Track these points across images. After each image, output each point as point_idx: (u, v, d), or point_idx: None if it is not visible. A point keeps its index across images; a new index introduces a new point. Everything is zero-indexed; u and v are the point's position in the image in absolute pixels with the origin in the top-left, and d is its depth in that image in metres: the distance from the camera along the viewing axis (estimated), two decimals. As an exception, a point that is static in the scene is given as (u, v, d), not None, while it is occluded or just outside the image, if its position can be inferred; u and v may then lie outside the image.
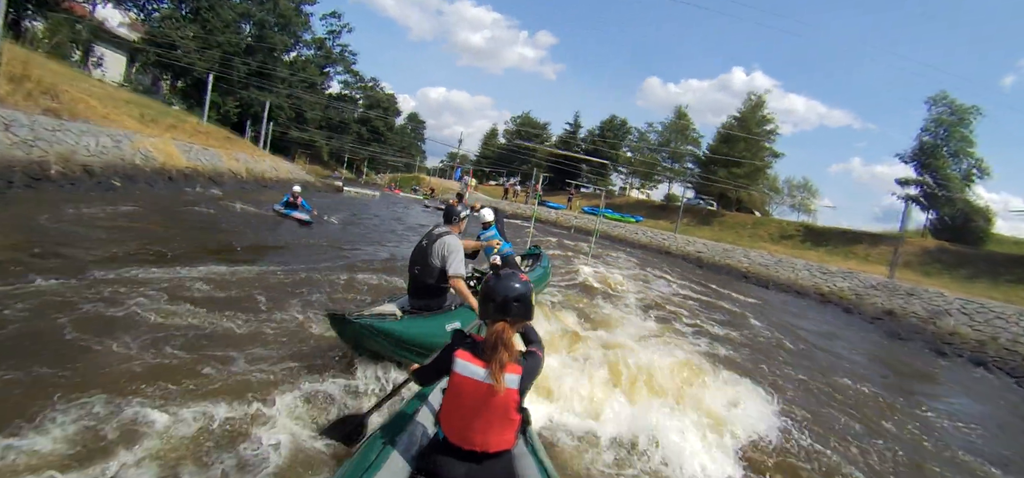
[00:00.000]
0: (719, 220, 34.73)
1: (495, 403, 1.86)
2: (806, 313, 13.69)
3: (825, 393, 5.76)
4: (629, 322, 7.29)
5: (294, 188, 13.10)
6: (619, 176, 51.06)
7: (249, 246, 8.69)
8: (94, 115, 15.84)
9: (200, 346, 3.77)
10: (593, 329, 6.28)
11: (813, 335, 10.17)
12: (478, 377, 1.86)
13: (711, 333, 7.93)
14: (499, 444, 1.93)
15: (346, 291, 6.56)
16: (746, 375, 5.25)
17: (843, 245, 30.05)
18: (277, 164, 24.41)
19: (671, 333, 7.11)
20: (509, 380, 1.86)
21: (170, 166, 16.30)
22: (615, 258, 17.80)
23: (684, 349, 6.00)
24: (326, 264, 8.02)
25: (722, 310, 10.72)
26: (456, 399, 1.91)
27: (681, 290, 12.58)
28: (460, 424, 1.91)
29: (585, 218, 31.96)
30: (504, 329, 1.91)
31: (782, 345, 8.41)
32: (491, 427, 1.89)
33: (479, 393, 1.85)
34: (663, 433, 3.37)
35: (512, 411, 1.91)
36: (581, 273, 11.04)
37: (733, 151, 36.02)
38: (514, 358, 1.89)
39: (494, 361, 1.84)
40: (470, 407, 1.88)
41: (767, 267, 19.86)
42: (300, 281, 6.48)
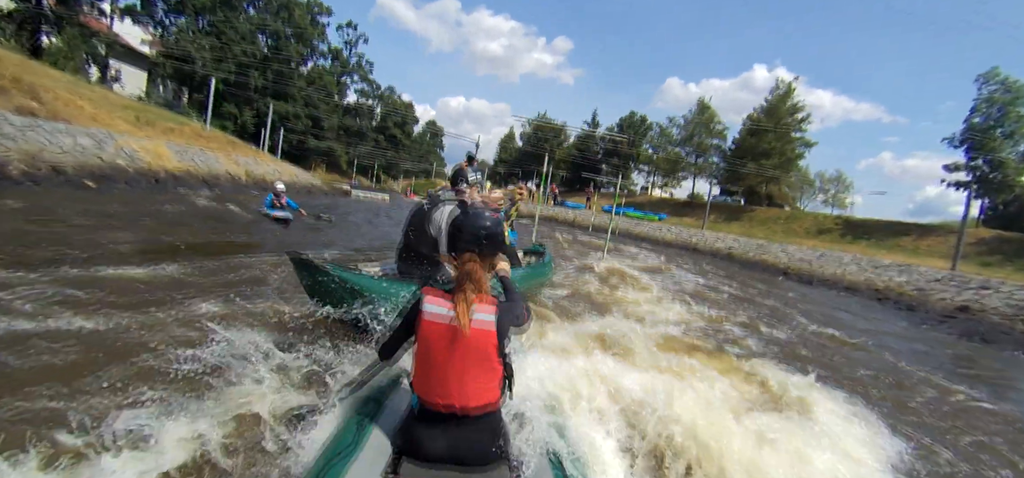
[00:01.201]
0: (749, 215, 32.26)
1: (471, 347, 1.65)
2: (864, 313, 11.53)
3: (938, 413, 3.90)
4: (658, 329, 5.51)
5: (277, 186, 11.69)
6: (641, 174, 48.83)
7: (197, 243, 7.24)
8: (80, 116, 14.88)
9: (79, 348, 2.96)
10: (602, 347, 4.49)
11: (883, 337, 8.15)
12: (446, 317, 1.66)
13: (767, 340, 6.07)
14: (481, 398, 1.69)
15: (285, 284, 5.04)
16: (843, 401, 3.49)
17: (888, 238, 27.34)
18: (281, 168, 23.31)
19: (713, 339, 5.29)
20: (483, 318, 1.67)
21: (159, 167, 15.20)
22: (635, 255, 15.91)
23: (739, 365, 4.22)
24: (271, 257, 6.50)
25: (767, 310, 8.79)
26: (427, 350, 1.69)
27: (716, 287, 10.67)
28: (435, 380, 1.68)
29: (605, 217, 30.03)
30: (471, 262, 1.75)
31: (851, 349, 6.48)
32: (469, 377, 1.67)
33: (450, 335, 1.65)
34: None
35: (492, 357, 1.69)
36: (594, 270, 9.27)
37: (761, 143, 33.54)
38: (485, 293, 1.72)
39: (460, 299, 1.66)
40: (443, 355, 1.66)
41: (808, 262, 17.61)
42: (228, 276, 5.13)
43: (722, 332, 6.26)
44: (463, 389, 1.67)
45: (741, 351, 5.35)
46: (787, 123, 33.72)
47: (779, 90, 34.06)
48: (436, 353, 1.68)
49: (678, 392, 3.11)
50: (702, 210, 31.42)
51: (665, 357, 4.09)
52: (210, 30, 38.99)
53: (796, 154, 34.51)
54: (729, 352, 5.15)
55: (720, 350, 5.20)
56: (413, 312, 1.74)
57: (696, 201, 38.91)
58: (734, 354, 5.08)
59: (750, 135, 35.06)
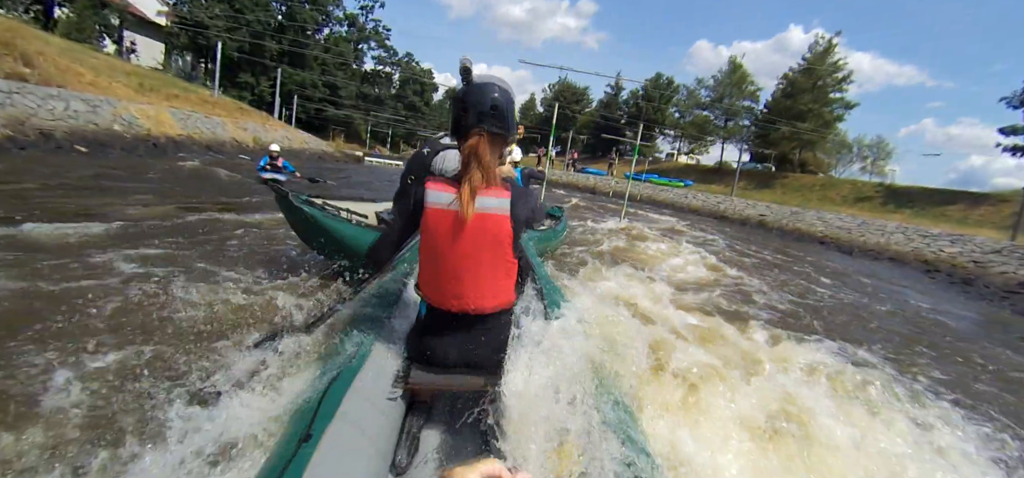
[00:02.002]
0: (781, 182, 30.27)
1: (483, 239, 1.47)
2: (915, 286, 10.21)
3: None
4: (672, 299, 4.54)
5: (272, 148, 11.02)
6: (666, 140, 46.66)
7: (167, 205, 6.51)
8: (78, 82, 14.36)
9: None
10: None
11: (943, 315, 6.95)
12: (450, 204, 1.45)
13: (810, 315, 5.02)
14: (496, 298, 1.54)
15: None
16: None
17: (933, 206, 25.21)
18: (292, 134, 22.69)
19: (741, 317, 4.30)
20: (495, 204, 1.47)
21: (159, 133, 14.66)
22: (657, 221, 14.73)
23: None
24: (241, 216, 5.72)
25: (805, 280, 7.65)
26: (434, 246, 1.50)
27: (746, 255, 9.51)
28: (444, 279, 1.52)
29: (627, 183, 28.66)
30: (478, 141, 1.47)
31: (912, 328, 5.36)
32: (481, 272, 1.50)
33: (457, 226, 1.45)
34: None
35: (507, 251, 1.52)
36: (606, 239, 8.24)
37: (797, 105, 31.19)
38: (495, 180, 1.50)
39: (465, 181, 1.44)
40: (452, 251, 1.47)
41: (848, 231, 16.08)
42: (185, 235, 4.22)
43: (758, 305, 5.22)
44: (478, 289, 1.53)
45: (784, 328, 4.33)
46: (826, 83, 31.19)
47: (819, 45, 31.43)
48: (443, 248, 1.51)
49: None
50: (731, 177, 29.65)
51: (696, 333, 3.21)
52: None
53: (834, 116, 32.02)
54: (772, 329, 4.15)
55: (762, 325, 4.19)
56: (416, 205, 1.54)
57: (724, 168, 36.88)
58: (777, 330, 4.08)
59: (785, 96, 32.64)
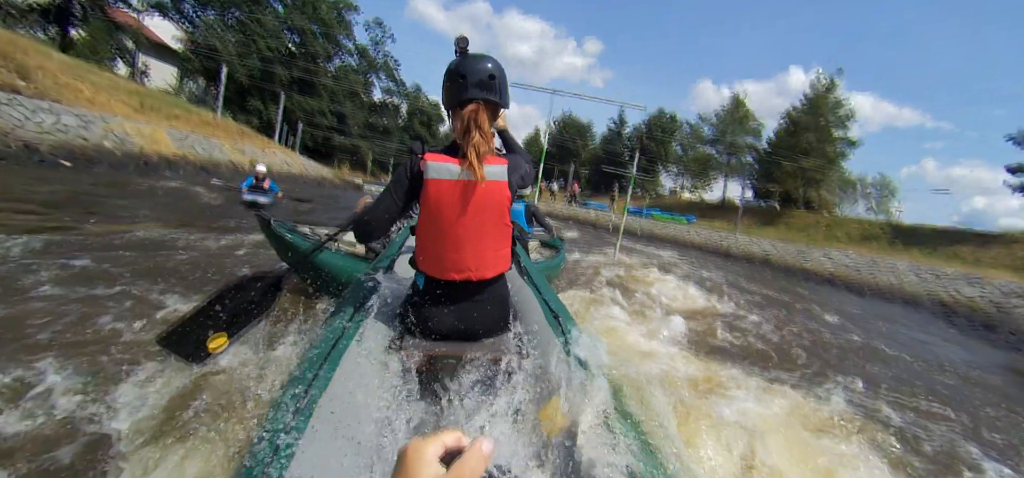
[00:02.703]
0: (785, 219, 29.64)
1: (482, 205, 1.51)
2: (930, 330, 9.44)
3: None
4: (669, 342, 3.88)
5: (258, 168, 10.49)
6: (669, 176, 46.29)
7: (119, 224, 5.96)
8: (75, 98, 14.14)
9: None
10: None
11: (972, 367, 6.21)
12: (455, 175, 1.48)
13: (820, 361, 4.33)
14: (495, 263, 1.59)
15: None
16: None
17: (943, 246, 24.40)
18: (292, 159, 22.40)
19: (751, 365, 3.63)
20: (496, 171, 1.53)
21: (152, 152, 14.32)
22: (654, 256, 14.09)
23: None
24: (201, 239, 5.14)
25: (812, 320, 6.94)
26: (435, 218, 1.52)
27: (746, 292, 8.82)
28: (447, 249, 1.54)
29: (628, 218, 28.09)
30: (477, 109, 1.52)
31: (941, 380, 4.64)
32: (483, 240, 1.55)
33: (462, 196, 1.49)
34: None
35: (505, 215, 1.60)
36: (594, 276, 7.61)
37: (800, 142, 30.80)
38: (493, 148, 1.55)
39: (469, 147, 1.47)
40: (454, 221, 1.51)
41: (858, 270, 15.33)
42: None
43: (764, 348, 4.54)
44: (479, 257, 1.56)
45: (794, 373, 3.65)
46: (828, 121, 30.85)
47: (820, 82, 31.23)
48: (446, 218, 1.52)
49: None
50: (734, 213, 29.04)
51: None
52: (237, 25, 38.89)
53: (837, 153, 31.56)
54: (783, 375, 3.47)
55: (770, 372, 3.51)
56: (414, 180, 1.52)
57: (727, 204, 36.33)
58: (787, 376, 3.40)
59: (787, 134, 32.29)
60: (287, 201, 10.88)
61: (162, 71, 35.84)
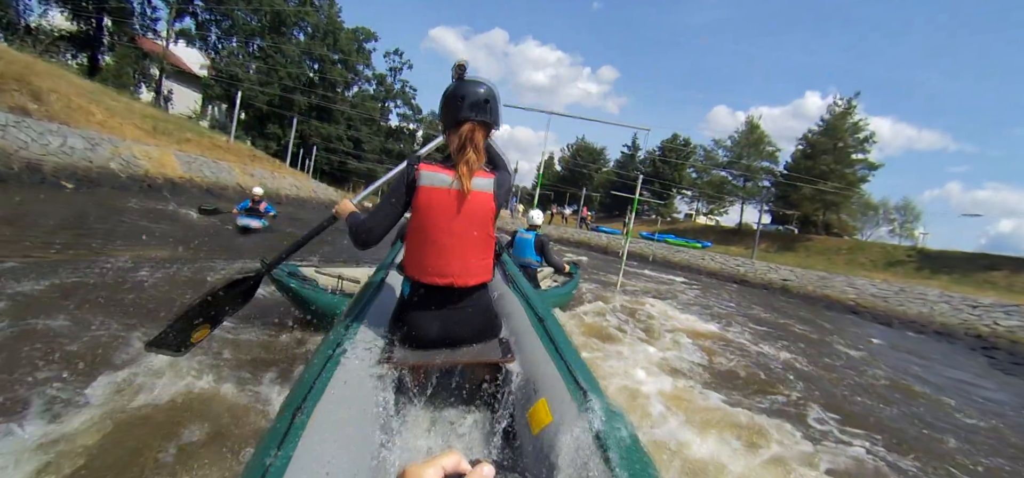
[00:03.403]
0: (804, 245, 28.47)
1: (470, 214, 1.60)
2: (970, 367, 8.50)
3: None
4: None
5: (255, 191, 10.11)
6: (684, 200, 45.39)
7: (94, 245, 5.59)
8: (87, 121, 14.23)
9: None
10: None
11: (1019, 414, 5.37)
12: (446, 184, 1.58)
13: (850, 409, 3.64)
14: (479, 271, 1.67)
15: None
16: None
17: (974, 272, 23.05)
18: (301, 182, 22.34)
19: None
20: (484, 184, 1.63)
21: (157, 174, 14.27)
22: (666, 284, 13.36)
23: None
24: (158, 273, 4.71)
25: (836, 358, 6.17)
26: (425, 224, 1.60)
27: (762, 324, 8.06)
28: (433, 256, 1.61)
29: (640, 243, 27.32)
30: (472, 129, 1.63)
31: (993, 431, 3.88)
32: (468, 248, 1.63)
33: (450, 204, 1.58)
34: None
35: (490, 227, 1.68)
36: (597, 305, 6.98)
37: (818, 166, 29.82)
38: (483, 163, 1.66)
39: (462, 162, 1.58)
40: (441, 227, 1.59)
41: (884, 299, 14.32)
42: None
43: (787, 398, 3.86)
44: (464, 263, 1.63)
45: (822, 424, 2.98)
46: (847, 144, 29.87)
47: (837, 107, 30.34)
48: (435, 225, 1.60)
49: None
50: (751, 239, 28.04)
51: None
52: (259, 54, 39.87)
53: (857, 177, 30.44)
54: (808, 427, 2.82)
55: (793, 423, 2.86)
56: (409, 186, 1.61)
57: (744, 229, 35.25)
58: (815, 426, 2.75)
59: (805, 157, 31.35)
60: (281, 223, 10.52)
61: (186, 96, 36.77)
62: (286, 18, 39.62)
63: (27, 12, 25.47)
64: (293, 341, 3.35)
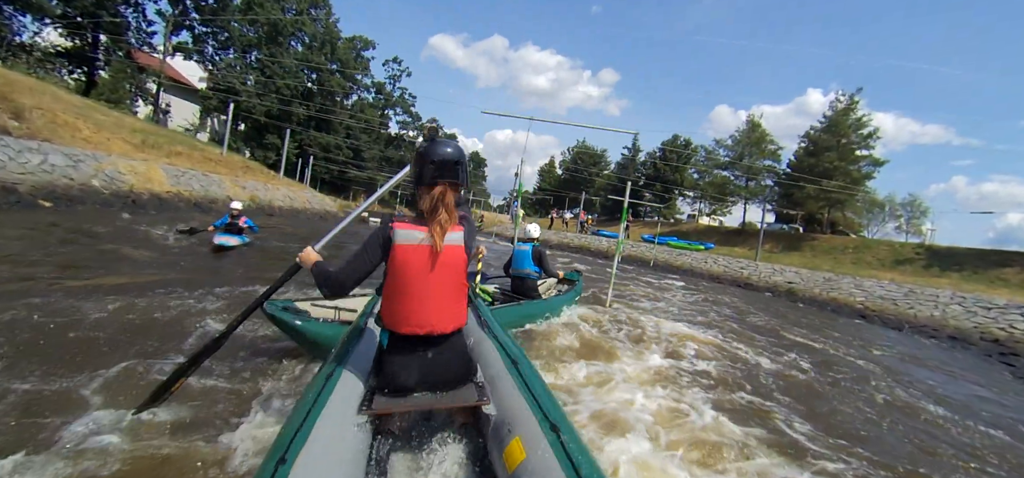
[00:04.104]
0: (810, 244, 27.81)
1: (444, 268, 1.70)
2: (989, 378, 7.94)
3: None
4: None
5: (233, 205, 9.65)
6: (686, 201, 44.74)
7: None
8: (72, 137, 13.91)
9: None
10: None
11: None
12: (419, 241, 1.69)
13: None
14: (453, 318, 1.75)
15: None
16: None
17: (985, 269, 22.30)
18: (295, 193, 21.96)
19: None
20: (454, 237, 1.74)
21: (143, 189, 13.92)
22: (665, 290, 12.84)
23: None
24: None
25: (844, 372, 5.64)
26: (401, 278, 1.69)
27: (766, 336, 7.54)
28: (410, 307, 1.69)
29: (642, 247, 26.78)
30: (444, 190, 1.75)
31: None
32: (443, 297, 1.72)
33: (424, 260, 1.68)
34: None
35: (462, 273, 1.77)
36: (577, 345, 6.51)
37: (821, 163, 29.17)
38: (454, 219, 1.77)
39: (435, 223, 1.70)
40: (417, 280, 1.68)
41: (893, 302, 13.73)
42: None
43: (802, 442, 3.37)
44: (440, 312, 1.70)
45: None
46: (851, 140, 29.21)
47: (839, 103, 29.70)
48: (411, 279, 1.67)
49: None
50: (755, 239, 27.43)
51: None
52: (257, 65, 39.69)
53: (862, 174, 29.75)
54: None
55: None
56: (384, 243, 1.71)
57: (748, 229, 34.60)
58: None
59: (808, 155, 30.70)
60: (268, 236, 10.10)
61: (185, 109, 36.62)
62: (283, 28, 39.45)
63: (21, 30, 25.31)
64: (286, 378, 3.21)
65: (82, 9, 26.23)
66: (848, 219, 36.18)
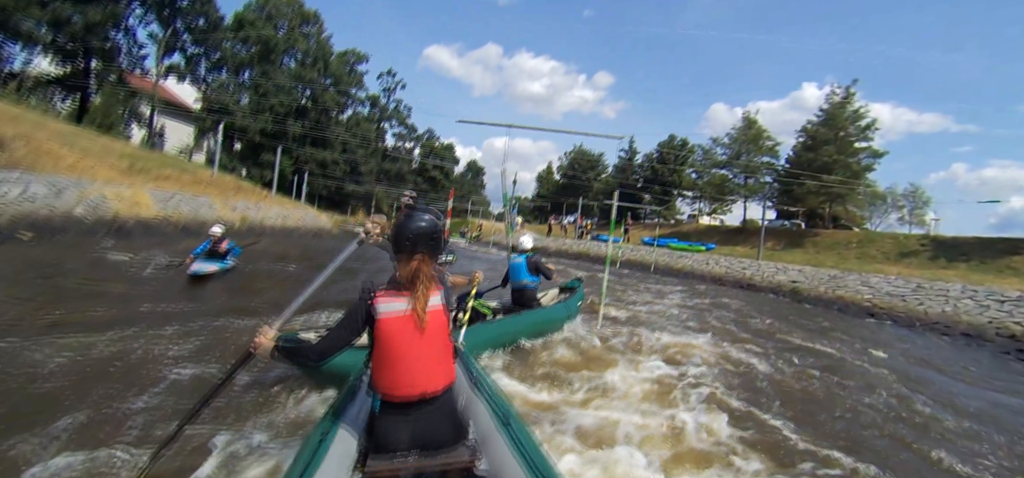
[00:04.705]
0: (812, 240, 27.39)
1: (429, 332, 1.76)
2: (1014, 378, 7.51)
3: None
4: None
5: (213, 230, 9.08)
6: (685, 202, 44.35)
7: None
8: (56, 165, 13.58)
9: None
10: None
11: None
12: (402, 309, 1.74)
13: None
14: (443, 376, 1.80)
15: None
16: None
17: (992, 258, 21.87)
18: (289, 210, 21.62)
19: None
20: (435, 302, 1.80)
21: (129, 215, 13.60)
22: (663, 300, 12.45)
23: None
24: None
25: (855, 381, 5.23)
26: (389, 347, 1.74)
27: (772, 341, 7.13)
28: (400, 372, 1.74)
29: (642, 250, 26.39)
30: (420, 262, 1.81)
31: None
32: (431, 359, 1.77)
33: (410, 328, 1.74)
34: None
35: (446, 333, 1.83)
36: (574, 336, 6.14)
37: (820, 157, 28.79)
38: (434, 285, 1.83)
39: (416, 294, 1.75)
40: (405, 348, 1.74)
41: (902, 298, 13.29)
42: None
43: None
44: (429, 373, 1.75)
45: None
46: (849, 133, 28.83)
47: (835, 96, 29.34)
48: (399, 346, 1.72)
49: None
50: (756, 236, 27.01)
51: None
52: (250, 84, 39.57)
53: (862, 166, 29.34)
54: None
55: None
56: (364, 311, 1.75)
57: (749, 227, 34.19)
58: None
59: (806, 149, 30.32)
60: (256, 260, 9.72)
61: (180, 132, 36.43)
62: (275, 46, 39.34)
63: (12, 59, 25.17)
64: (283, 422, 3.14)
65: (71, 35, 26.09)
66: (850, 213, 35.72)
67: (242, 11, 39.59)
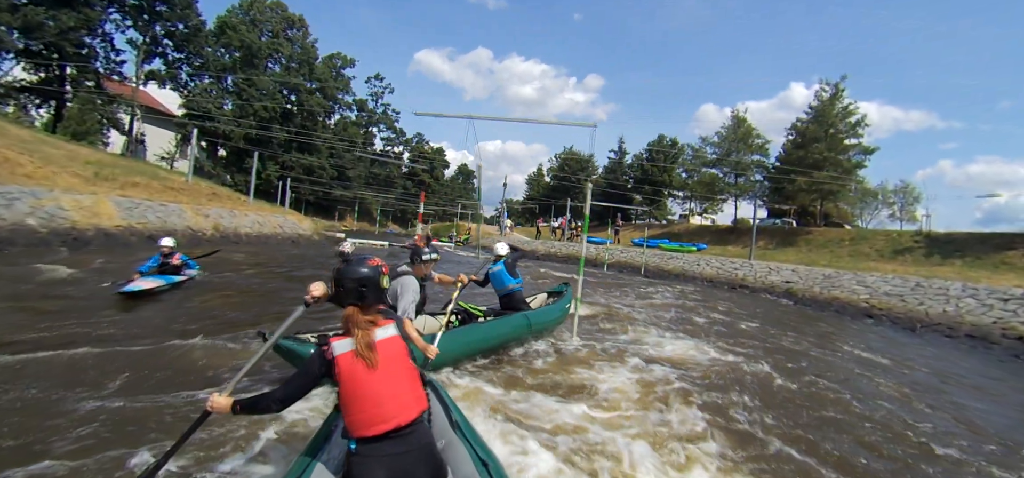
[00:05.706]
0: (805, 238, 26.87)
1: (388, 361, 1.77)
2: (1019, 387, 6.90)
3: None
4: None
5: (163, 242, 7.89)
6: (676, 202, 43.82)
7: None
8: (12, 175, 12.72)
9: None
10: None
11: None
12: (356, 345, 1.77)
13: None
14: (414, 405, 1.78)
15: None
16: None
17: (987, 253, 21.37)
18: (264, 217, 20.70)
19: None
20: (386, 333, 1.82)
21: (88, 225, 12.75)
22: (649, 305, 11.79)
23: None
24: None
25: (861, 398, 4.58)
26: (350, 384, 1.73)
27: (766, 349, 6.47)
28: (371, 408, 1.71)
29: (632, 252, 25.76)
30: (354, 312, 1.83)
31: None
32: (398, 387, 1.76)
33: (366, 361, 1.74)
34: None
35: (407, 358, 1.84)
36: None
37: (810, 155, 28.34)
38: (376, 322, 1.84)
39: (358, 342, 1.76)
40: (367, 383, 1.72)
41: (901, 297, 12.71)
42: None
43: None
44: (398, 402, 1.73)
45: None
46: (839, 130, 28.40)
47: (824, 93, 28.92)
48: (360, 383, 1.71)
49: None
50: (748, 235, 26.46)
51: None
52: (234, 89, 38.61)
53: (853, 163, 28.95)
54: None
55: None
56: (321, 365, 1.75)
57: (740, 226, 33.68)
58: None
59: (796, 147, 29.87)
60: (223, 271, 8.89)
61: (162, 137, 35.38)
62: (259, 51, 38.45)
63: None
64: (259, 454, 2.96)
65: (44, 40, 25.11)
66: (841, 210, 35.35)
67: (225, 15, 38.69)
